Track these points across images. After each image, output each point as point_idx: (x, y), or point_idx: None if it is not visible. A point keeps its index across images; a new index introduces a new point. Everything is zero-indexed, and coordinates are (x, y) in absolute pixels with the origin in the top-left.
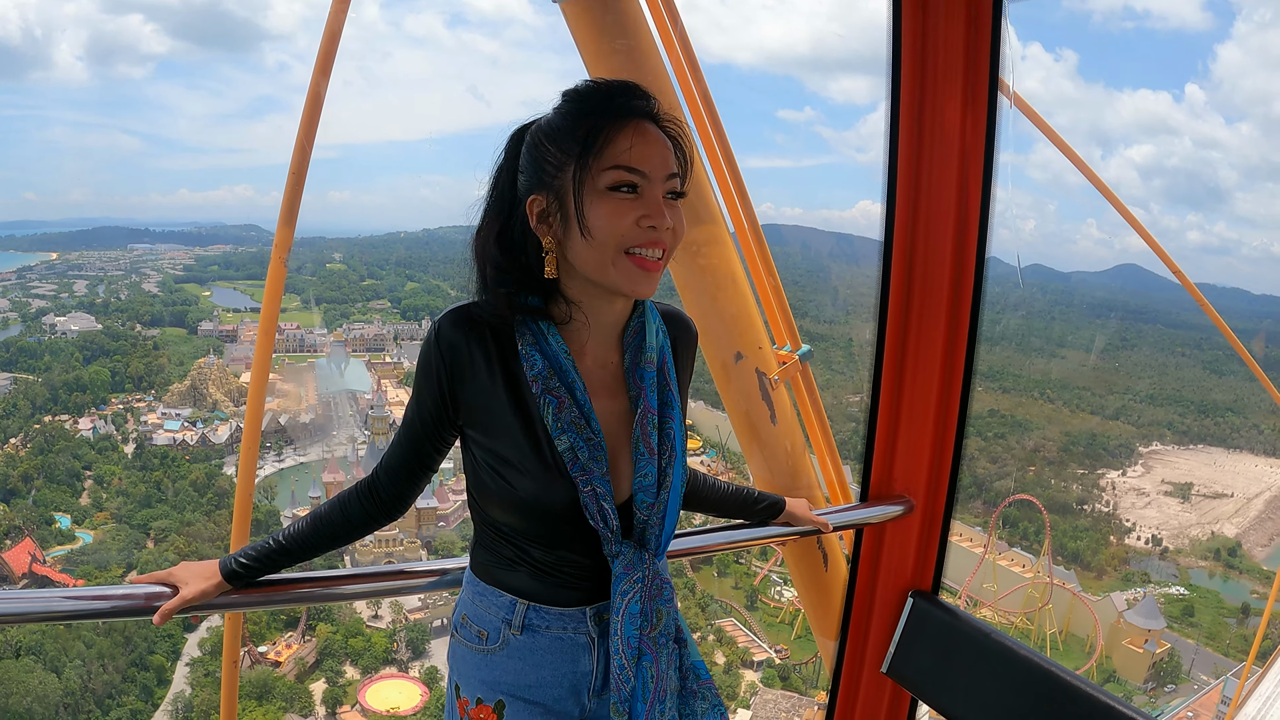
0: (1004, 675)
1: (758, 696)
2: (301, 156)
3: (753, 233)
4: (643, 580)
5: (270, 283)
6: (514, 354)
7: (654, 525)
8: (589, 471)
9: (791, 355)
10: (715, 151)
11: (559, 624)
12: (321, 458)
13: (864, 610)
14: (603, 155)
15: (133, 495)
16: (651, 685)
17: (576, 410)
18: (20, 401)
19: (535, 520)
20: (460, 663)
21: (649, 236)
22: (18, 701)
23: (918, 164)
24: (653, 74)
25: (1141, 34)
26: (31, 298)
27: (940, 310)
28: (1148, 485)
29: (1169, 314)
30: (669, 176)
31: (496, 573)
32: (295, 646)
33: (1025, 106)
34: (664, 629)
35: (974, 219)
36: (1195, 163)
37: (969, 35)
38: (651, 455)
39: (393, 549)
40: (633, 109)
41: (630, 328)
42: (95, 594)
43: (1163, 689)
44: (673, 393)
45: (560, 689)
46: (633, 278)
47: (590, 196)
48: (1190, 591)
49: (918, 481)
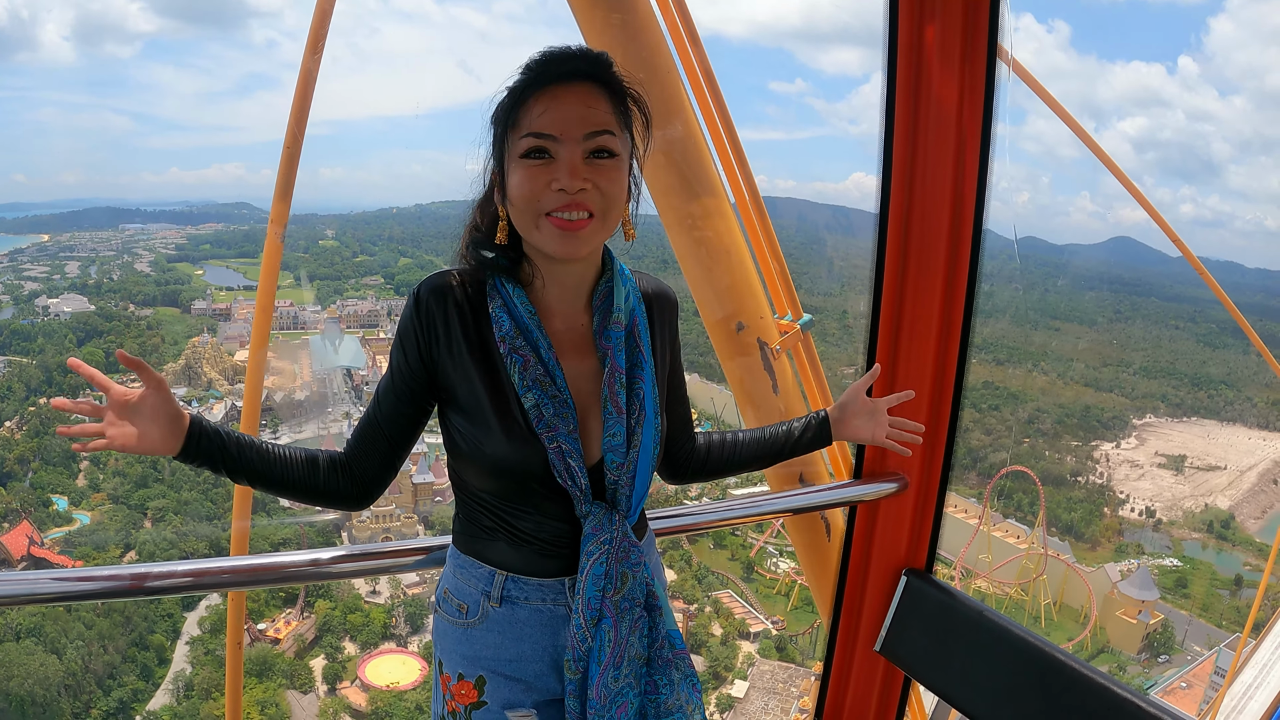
0: (998, 654)
1: (754, 667)
2: (296, 132)
3: (753, 203)
4: (610, 542)
5: (267, 257)
6: (485, 317)
7: (624, 486)
8: (555, 429)
9: (793, 325)
10: (715, 123)
11: (538, 595)
12: (317, 434)
13: (857, 588)
14: (518, 124)
15: (129, 475)
16: (609, 650)
17: (542, 368)
18: (15, 384)
19: (506, 480)
20: (443, 637)
21: (559, 200)
22: (19, 684)
23: (914, 135)
24: (651, 46)
25: (1134, 5)
26: (23, 280)
27: (936, 284)
28: (1141, 457)
29: (1163, 287)
30: (590, 135)
31: (475, 544)
32: (294, 623)
33: (1024, 73)
34: (628, 593)
35: (970, 191)
36: (1188, 135)
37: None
38: (620, 415)
39: (390, 524)
40: (551, 74)
41: (599, 290)
42: (81, 575)
43: (1156, 659)
44: (643, 354)
45: (541, 663)
46: (555, 239)
47: (511, 165)
48: (1183, 563)
49: (912, 458)
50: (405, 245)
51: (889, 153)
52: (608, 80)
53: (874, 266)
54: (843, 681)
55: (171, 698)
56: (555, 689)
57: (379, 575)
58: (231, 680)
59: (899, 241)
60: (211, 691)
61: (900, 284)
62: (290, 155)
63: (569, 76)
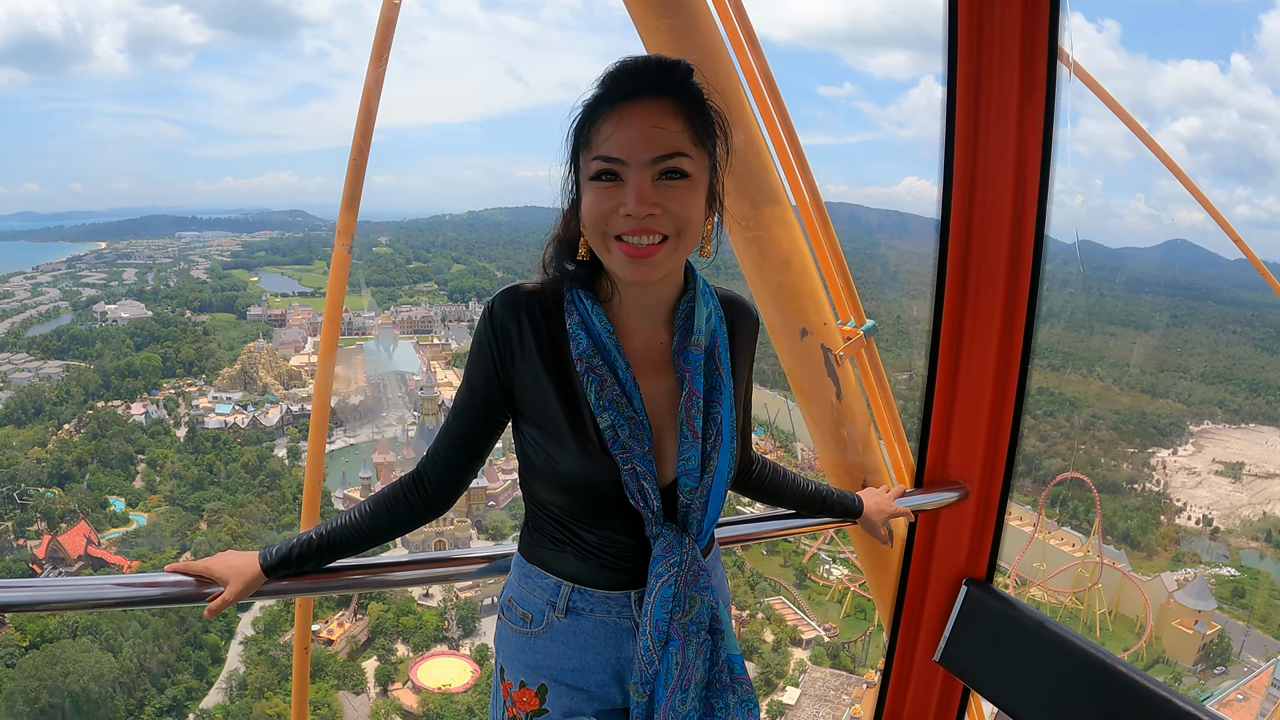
0: (1058, 665)
1: (806, 674)
2: (361, 144)
3: (815, 207)
4: (679, 564)
5: (334, 269)
6: (562, 333)
7: (696, 510)
8: (630, 450)
9: (856, 331)
10: (776, 128)
11: (603, 607)
12: (371, 439)
13: (917, 598)
14: (589, 145)
15: (185, 478)
16: (675, 673)
17: (618, 388)
18: (73, 388)
19: (579, 498)
20: (505, 645)
21: (627, 224)
22: (74, 681)
23: (974, 140)
24: (711, 52)
25: (1185, 3)
26: (82, 286)
27: (997, 292)
28: (1198, 464)
29: (1220, 290)
30: (659, 158)
31: (542, 554)
32: (347, 625)
33: (1084, 75)
34: (696, 617)
35: (1031, 197)
36: (1243, 135)
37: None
38: (695, 439)
39: (443, 528)
40: (620, 93)
41: (680, 310)
42: (145, 580)
43: (1212, 670)
44: (722, 377)
45: (603, 674)
46: (625, 265)
47: (583, 185)
48: (1241, 572)
49: (973, 467)
50: (458, 251)
51: (950, 158)
52: (682, 93)
53: (935, 274)
54: (901, 691)
55: (225, 696)
56: (616, 699)
57: (443, 583)
58: (298, 684)
59: (960, 249)
60: (264, 691)
61: (961, 292)
62: (356, 167)
63: (638, 93)
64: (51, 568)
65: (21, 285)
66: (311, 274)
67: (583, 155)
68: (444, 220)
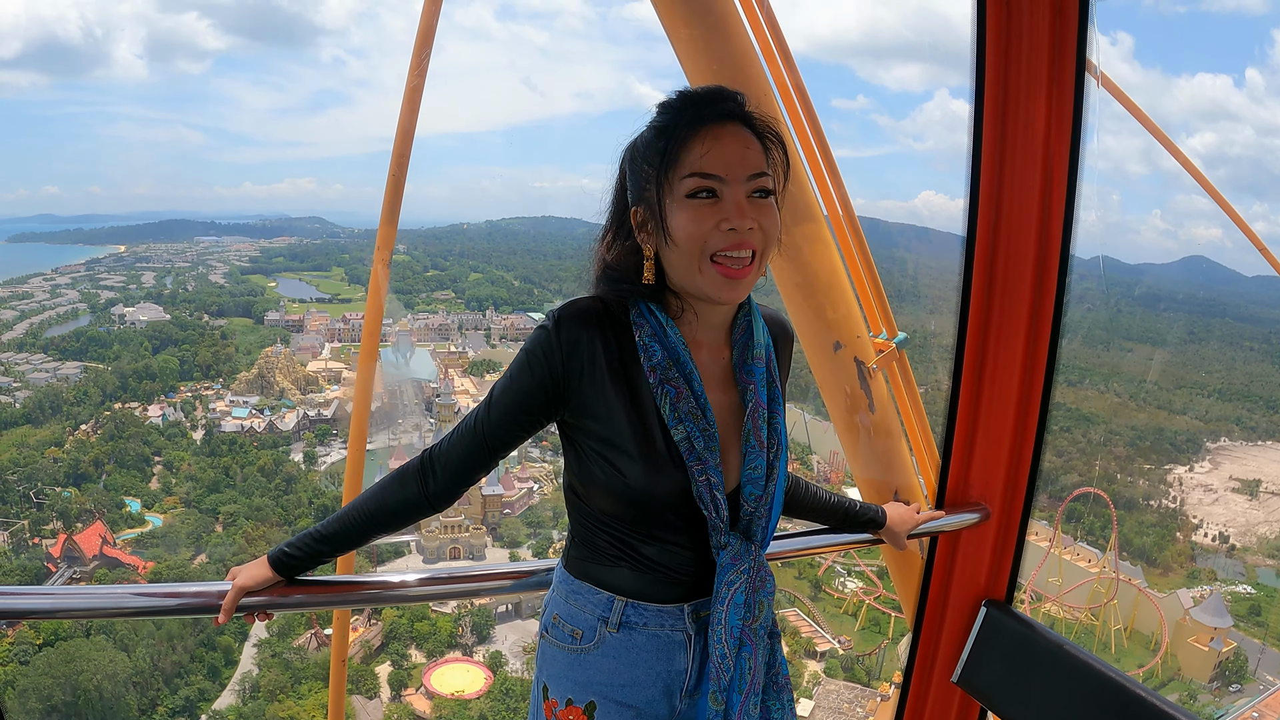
0: (1078, 689)
1: (821, 687)
2: (400, 160)
3: (848, 221)
4: (749, 572)
5: (374, 281)
6: (629, 346)
7: (760, 517)
8: (704, 461)
9: (888, 343)
10: (809, 141)
11: (657, 621)
12: (388, 445)
13: (936, 618)
14: (679, 165)
15: (201, 480)
16: (748, 677)
17: (693, 401)
18: (91, 389)
19: (643, 509)
20: (550, 663)
21: (729, 240)
22: (88, 679)
23: (1001, 155)
24: (742, 61)
25: (1197, 16)
26: (100, 289)
27: (1022, 311)
28: (1215, 481)
29: (1237, 307)
30: (752, 176)
31: (594, 570)
32: (361, 630)
33: (1111, 85)
34: (763, 621)
35: (1058, 214)
36: (1259, 150)
37: (1054, 15)
38: (762, 448)
39: (458, 535)
40: (707, 115)
41: (738, 325)
42: (165, 591)
43: (1228, 688)
44: (778, 389)
45: (654, 689)
46: (718, 285)
47: (672, 205)
48: (1257, 590)
49: (994, 489)
50: (476, 260)
51: (976, 173)
52: (751, 120)
53: (960, 291)
54: (919, 711)
55: (238, 698)
56: (665, 714)
57: (462, 598)
58: (334, 696)
59: (985, 266)
60: (278, 694)
61: (986, 310)
62: (394, 184)
63: (724, 117)
64: (67, 566)
65: (40, 286)
66: (329, 280)
67: (671, 174)
68: (462, 229)
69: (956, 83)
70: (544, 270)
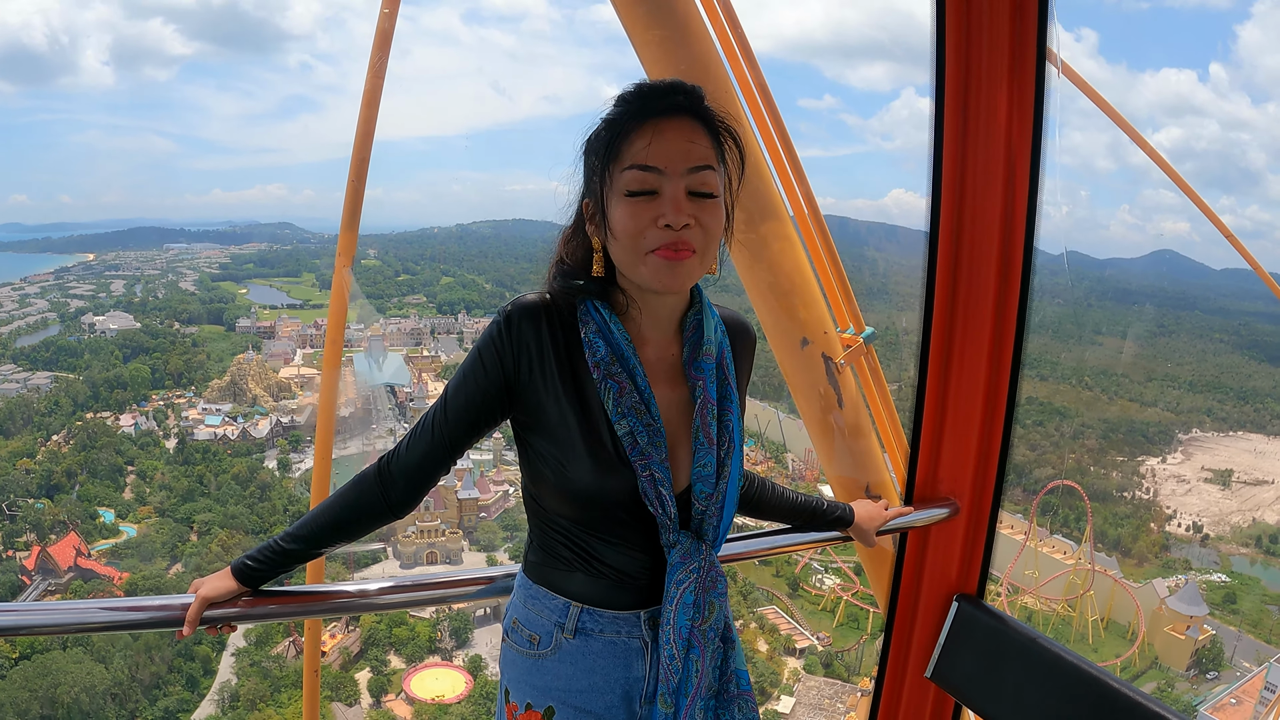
0: (1051, 682)
1: (800, 683)
2: (360, 165)
3: (814, 218)
4: (698, 571)
5: (336, 288)
6: (577, 342)
7: (711, 516)
8: (648, 456)
9: (855, 338)
10: (773, 139)
11: (613, 627)
12: (361, 451)
13: (908, 614)
14: (621, 157)
15: (175, 489)
16: (695, 680)
17: (637, 396)
18: (62, 399)
19: (592, 509)
20: (511, 667)
21: (666, 237)
22: (65, 692)
23: (963, 150)
24: (704, 61)
25: (1161, 11)
26: (70, 298)
27: (986, 305)
28: (1188, 472)
29: (1207, 299)
30: (693, 170)
31: (550, 575)
32: (340, 636)
33: (1073, 74)
34: (714, 623)
35: (1021, 207)
36: (1224, 145)
37: (1014, 2)
38: (711, 445)
39: (435, 540)
40: (655, 108)
41: (688, 321)
42: (131, 605)
43: (1205, 676)
44: (731, 386)
45: (612, 695)
46: (659, 272)
47: (613, 199)
48: (1231, 578)
49: (963, 483)
50: (447, 264)
51: (938, 168)
52: (704, 115)
53: (924, 286)
54: (893, 708)
55: (217, 708)
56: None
57: (438, 605)
58: (309, 705)
59: (949, 261)
60: (257, 703)
61: (951, 305)
62: (355, 189)
63: (671, 110)
64: (41, 579)
65: (9, 296)
66: (300, 286)
67: (612, 167)
68: (433, 233)
69: (923, 81)
70: (515, 273)
